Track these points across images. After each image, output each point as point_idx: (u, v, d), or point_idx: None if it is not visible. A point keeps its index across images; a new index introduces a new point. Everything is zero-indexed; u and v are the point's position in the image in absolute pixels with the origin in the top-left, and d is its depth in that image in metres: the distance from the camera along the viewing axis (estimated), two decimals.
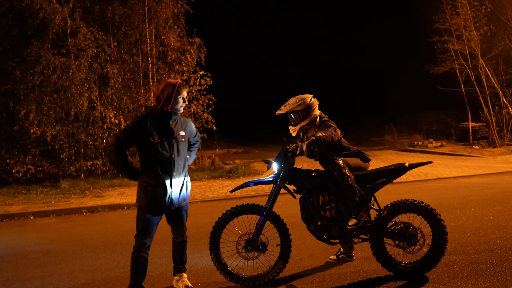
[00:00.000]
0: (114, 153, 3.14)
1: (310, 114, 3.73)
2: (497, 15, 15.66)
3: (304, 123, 3.75)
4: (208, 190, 9.06)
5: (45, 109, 10.90)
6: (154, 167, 3.24)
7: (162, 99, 3.25)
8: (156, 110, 3.28)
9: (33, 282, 4.09)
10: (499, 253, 4.09)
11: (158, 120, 3.27)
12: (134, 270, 3.29)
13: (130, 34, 12.38)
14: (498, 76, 16.51)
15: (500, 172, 9.72)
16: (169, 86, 3.26)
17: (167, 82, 3.29)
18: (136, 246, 3.30)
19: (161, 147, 3.23)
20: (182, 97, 3.32)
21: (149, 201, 3.25)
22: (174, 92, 3.25)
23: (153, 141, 3.20)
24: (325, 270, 3.93)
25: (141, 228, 3.29)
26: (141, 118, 3.23)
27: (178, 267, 3.60)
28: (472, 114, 16.62)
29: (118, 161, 3.16)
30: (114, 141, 3.16)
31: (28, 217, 7.52)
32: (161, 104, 3.25)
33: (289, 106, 3.73)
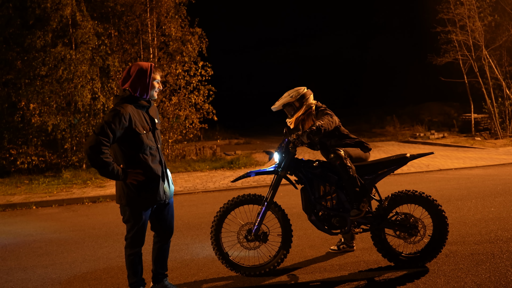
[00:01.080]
0: (99, 153, 2.75)
1: (303, 104, 3.78)
2: (502, 5, 15.48)
3: (299, 113, 3.79)
4: (209, 181, 9.08)
5: (46, 99, 10.89)
6: (143, 161, 2.95)
7: (138, 86, 2.95)
8: (132, 98, 2.97)
9: (35, 271, 4.12)
10: (499, 244, 4.09)
11: (137, 108, 2.99)
12: (133, 271, 3.09)
13: (131, 24, 12.30)
14: (501, 67, 16.38)
15: (502, 163, 9.70)
16: (143, 71, 2.96)
17: (140, 66, 2.97)
18: (131, 248, 3.06)
19: (147, 138, 2.98)
20: (157, 81, 3.07)
21: (142, 199, 2.98)
22: (150, 77, 2.99)
23: (139, 132, 2.91)
24: (326, 260, 3.95)
25: (137, 231, 3.03)
26: (123, 110, 2.88)
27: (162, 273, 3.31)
28: (475, 105, 16.54)
29: (103, 161, 2.77)
30: (99, 141, 2.75)
31: (31, 207, 7.56)
32: (139, 91, 2.96)
33: (282, 99, 3.82)
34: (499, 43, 15.81)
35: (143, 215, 3.04)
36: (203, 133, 16.82)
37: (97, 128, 2.81)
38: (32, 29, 11.08)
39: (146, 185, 2.98)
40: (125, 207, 3.02)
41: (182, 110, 12.42)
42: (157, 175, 3.03)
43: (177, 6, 12.71)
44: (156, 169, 3.03)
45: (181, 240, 4.84)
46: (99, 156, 2.76)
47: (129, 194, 2.97)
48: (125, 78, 2.99)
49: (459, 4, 15.41)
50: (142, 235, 3.09)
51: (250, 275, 3.64)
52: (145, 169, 2.97)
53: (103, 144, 2.77)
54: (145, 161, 2.97)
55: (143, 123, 2.99)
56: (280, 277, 3.61)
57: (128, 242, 3.09)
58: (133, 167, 2.94)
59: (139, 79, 2.96)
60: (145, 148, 2.97)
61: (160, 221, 3.21)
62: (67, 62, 10.77)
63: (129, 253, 3.09)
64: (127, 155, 2.96)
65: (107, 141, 2.79)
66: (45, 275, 3.99)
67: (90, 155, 2.77)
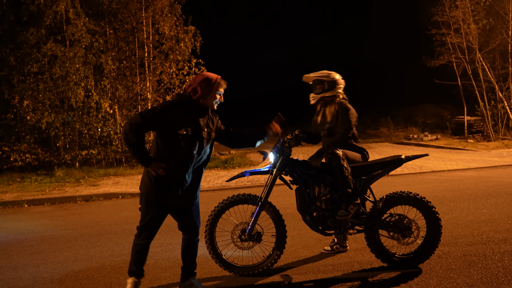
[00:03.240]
0: (134, 131, 2.88)
1: (334, 88, 3.86)
2: (496, 8, 15.63)
3: (327, 94, 3.86)
4: (203, 180, 9.06)
5: (39, 96, 10.80)
6: (170, 158, 3.01)
7: (199, 91, 3.03)
8: (189, 100, 3.06)
9: (27, 269, 4.08)
10: (491, 245, 4.13)
11: (189, 111, 3.04)
12: (136, 260, 3.14)
13: (126, 22, 12.24)
14: (494, 70, 16.54)
15: (494, 166, 9.78)
16: (208, 80, 3.06)
17: (206, 75, 3.09)
18: (140, 239, 3.12)
19: (183, 140, 3.00)
20: (219, 93, 3.13)
21: (158, 193, 3.03)
22: (213, 86, 3.06)
23: (178, 132, 2.97)
24: (320, 260, 3.95)
25: (147, 222, 3.10)
26: (172, 104, 3.02)
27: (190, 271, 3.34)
28: (468, 108, 16.68)
29: (136, 140, 2.90)
30: (138, 118, 2.90)
31: (23, 205, 7.48)
32: (197, 96, 3.04)
33: (317, 74, 3.89)
34: (492, 46, 15.96)
35: (154, 209, 3.09)
36: None
37: (145, 110, 3.00)
38: (26, 25, 10.99)
39: (163, 181, 3.03)
40: (142, 194, 3.12)
41: None
42: (175, 176, 3.04)
43: (172, 4, 12.68)
44: (179, 171, 3.04)
45: (174, 239, 4.82)
46: (131, 132, 2.89)
47: (148, 184, 3.05)
48: (189, 85, 3.10)
49: (454, 7, 15.53)
50: (150, 228, 3.13)
51: (243, 275, 3.63)
52: (168, 167, 3.01)
53: (140, 123, 2.89)
54: (170, 160, 3.01)
55: (189, 125, 3.02)
56: (274, 277, 3.61)
57: (138, 231, 3.15)
58: (157, 159, 3.02)
59: (201, 86, 3.04)
60: (175, 147, 3.00)
61: (183, 219, 3.26)
62: (60, 59, 10.69)
63: (135, 243, 3.14)
64: (159, 147, 3.03)
65: (143, 122, 2.90)
66: (36, 274, 3.95)
67: (125, 128, 2.93)
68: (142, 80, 12.50)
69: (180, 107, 3.02)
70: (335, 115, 3.82)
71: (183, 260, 3.34)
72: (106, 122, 11.55)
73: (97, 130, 11.50)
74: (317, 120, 4.02)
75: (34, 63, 10.75)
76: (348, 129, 3.73)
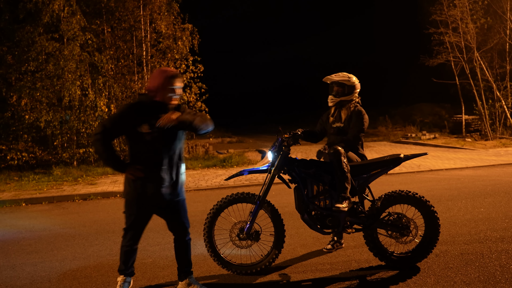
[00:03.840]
0: (100, 142, 2.93)
1: (353, 93, 3.97)
2: (494, 8, 15.65)
3: (345, 98, 3.96)
4: (201, 179, 9.06)
5: (37, 95, 10.76)
6: (142, 159, 3.03)
7: (153, 88, 3.05)
8: (147, 99, 3.09)
9: (24, 268, 4.07)
10: (488, 244, 4.14)
11: (148, 110, 3.04)
12: (124, 260, 3.20)
13: (124, 20, 12.19)
14: (492, 70, 16.57)
15: (491, 164, 9.81)
16: (160, 75, 3.05)
17: (159, 70, 3.09)
18: (126, 241, 3.17)
19: (150, 138, 2.99)
20: (174, 87, 3.09)
21: (137, 195, 3.05)
22: (166, 82, 3.04)
23: (141, 131, 2.97)
24: (318, 259, 3.96)
25: (131, 224, 3.14)
26: (130, 106, 3.05)
27: (186, 270, 3.36)
28: (466, 107, 16.70)
29: (104, 151, 2.95)
30: (100, 129, 2.95)
31: (20, 204, 7.46)
32: (153, 93, 3.06)
33: (340, 77, 3.97)
34: (490, 45, 15.97)
35: (136, 211, 3.10)
36: None
37: (106, 119, 3.04)
38: (23, 23, 10.93)
39: (140, 183, 3.03)
40: (125, 199, 3.15)
41: None
42: (151, 175, 3.03)
43: (170, 2, 12.64)
44: (152, 169, 3.04)
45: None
46: (98, 143, 2.94)
47: (126, 187, 3.10)
48: (148, 81, 3.14)
49: (452, 6, 15.54)
50: (134, 231, 3.16)
51: (242, 273, 3.63)
52: (144, 167, 3.02)
53: (103, 133, 2.93)
54: (143, 159, 3.03)
55: (150, 123, 2.99)
56: (272, 276, 3.61)
57: (124, 234, 3.19)
58: (133, 162, 3.05)
59: (155, 83, 3.04)
60: (144, 146, 3.00)
61: (170, 220, 3.29)
62: (56, 57, 10.65)
63: (122, 244, 3.19)
64: (130, 149, 3.08)
65: (107, 131, 2.95)
66: (34, 273, 3.94)
67: (92, 141, 3.13)
68: (140, 79, 12.47)
69: (138, 107, 3.04)
70: (348, 117, 3.93)
71: (177, 260, 3.35)
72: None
73: (94, 128, 11.46)
74: (330, 119, 4.09)
75: (31, 61, 10.71)
76: (360, 131, 3.87)
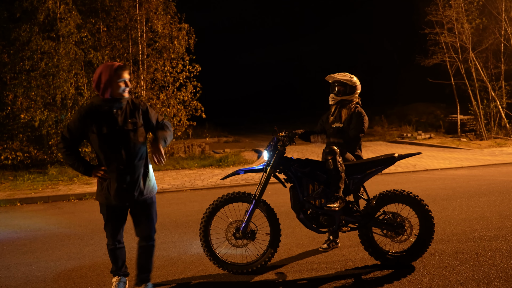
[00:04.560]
0: (63, 151, 3.02)
1: (354, 93, 4.02)
2: (489, 8, 15.75)
3: (346, 98, 4.01)
4: (198, 179, 9.05)
5: (32, 94, 10.70)
6: (102, 160, 3.01)
7: (101, 85, 2.90)
8: (97, 99, 2.97)
9: (19, 268, 4.05)
10: (483, 243, 4.17)
11: (100, 110, 2.95)
12: (113, 260, 3.27)
13: (120, 19, 12.14)
14: (487, 70, 16.68)
15: (486, 164, 9.87)
16: (106, 70, 2.90)
17: (104, 66, 2.93)
18: (108, 240, 3.25)
19: (104, 138, 2.93)
20: (123, 80, 2.93)
21: (104, 196, 3.08)
22: (113, 75, 2.89)
23: (94, 133, 2.93)
24: (313, 258, 3.97)
25: (105, 225, 3.23)
26: (80, 111, 2.98)
27: (142, 275, 3.29)
28: (461, 106, 16.80)
29: (68, 159, 3.02)
30: (60, 139, 3.04)
31: (15, 204, 7.42)
32: (101, 91, 2.91)
33: (343, 76, 4.02)
34: (485, 46, 16.08)
35: (106, 212, 3.16)
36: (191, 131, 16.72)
37: (64, 128, 3.07)
38: (19, 22, 10.87)
39: (106, 185, 3.05)
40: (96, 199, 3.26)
41: (170, 107, 12.33)
42: (111, 174, 3.01)
43: (167, 1, 12.61)
44: (112, 170, 3.00)
45: (168, 238, 4.81)
46: (61, 151, 3.04)
47: (97, 189, 3.15)
48: (94, 79, 2.97)
49: (448, 7, 15.62)
50: (111, 231, 3.21)
51: (237, 273, 3.64)
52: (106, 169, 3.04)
53: (63, 142, 3.01)
54: (102, 160, 3.04)
55: (101, 123, 2.94)
56: (268, 275, 3.62)
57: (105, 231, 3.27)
58: (99, 164, 3.07)
59: (101, 79, 2.91)
60: (102, 147, 2.97)
61: (134, 221, 3.25)
62: (50, 55, 10.60)
63: (107, 243, 3.28)
64: (96, 153, 3.09)
65: (65, 138, 3.01)
66: (29, 273, 3.92)
67: (58, 151, 3.01)
68: (136, 78, 12.44)
69: (90, 110, 2.96)
70: (349, 118, 3.95)
71: (136, 265, 3.28)
72: None
73: None
74: (329, 119, 4.11)
75: (26, 60, 10.66)
76: (360, 131, 3.90)
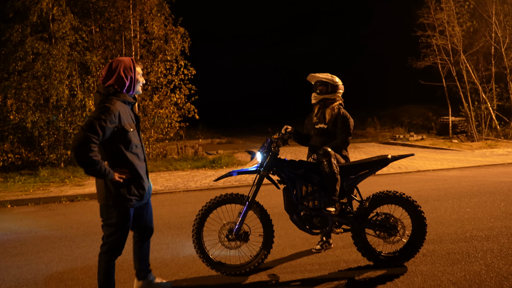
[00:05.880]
0: (92, 153, 2.60)
1: (336, 92, 4.05)
2: (479, 11, 15.94)
3: (328, 96, 4.04)
4: (191, 180, 9.02)
5: (23, 95, 10.61)
6: (129, 159, 2.85)
7: (126, 81, 2.83)
8: (118, 94, 2.84)
9: (9, 271, 4.00)
10: (474, 243, 4.21)
11: (125, 106, 2.88)
12: (107, 277, 2.89)
13: (113, 20, 12.09)
14: (478, 72, 16.86)
15: (477, 165, 9.96)
16: (126, 66, 2.84)
17: (122, 61, 2.86)
18: (110, 254, 2.89)
19: (134, 136, 2.88)
20: (140, 75, 2.97)
21: (131, 198, 2.88)
22: (135, 71, 2.87)
23: (127, 130, 2.81)
24: (307, 260, 3.97)
25: (123, 233, 2.89)
26: (113, 107, 2.75)
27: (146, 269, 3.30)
28: (453, 108, 16.97)
29: (96, 162, 2.63)
30: (88, 138, 2.60)
31: (5, 206, 7.34)
32: (126, 88, 2.84)
33: (322, 75, 4.06)
34: (476, 48, 16.26)
35: (130, 215, 2.94)
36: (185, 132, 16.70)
37: (86, 125, 2.63)
38: (11, 23, 10.78)
39: (133, 184, 2.89)
40: (112, 208, 2.85)
41: (163, 109, 12.29)
42: (142, 173, 2.97)
43: (161, 3, 12.57)
44: (142, 167, 2.98)
45: (161, 239, 4.78)
46: (87, 154, 2.59)
47: (118, 193, 2.84)
48: (107, 75, 2.84)
49: (439, 10, 15.79)
50: (124, 240, 2.94)
51: (231, 274, 3.63)
52: (131, 168, 2.87)
53: (92, 142, 2.62)
54: (131, 160, 2.87)
55: (130, 120, 2.89)
56: (261, 276, 3.62)
57: (107, 246, 2.89)
58: (118, 165, 2.83)
59: (125, 74, 2.84)
60: (132, 146, 2.88)
61: (141, 220, 3.17)
62: (43, 57, 10.52)
63: (107, 259, 2.89)
64: (113, 153, 2.83)
65: (96, 139, 2.64)
66: (19, 275, 3.88)
67: (77, 153, 2.58)
68: None
69: (118, 105, 2.80)
70: (333, 119, 3.97)
71: (138, 261, 3.26)
72: None
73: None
74: (313, 119, 4.14)
75: (19, 60, 10.57)
76: (348, 135, 3.94)
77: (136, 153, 2.92)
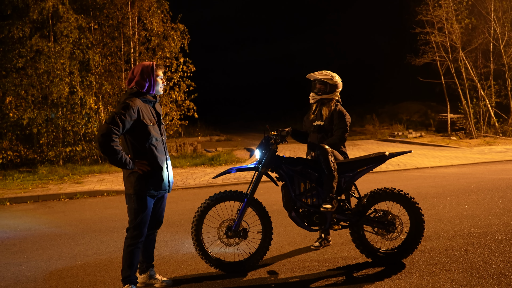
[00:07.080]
0: (114, 143, 2.99)
1: (334, 92, 4.02)
2: (478, 8, 15.92)
3: (326, 96, 4.02)
4: (190, 177, 9.03)
5: (22, 92, 10.58)
6: (150, 151, 3.19)
7: (145, 83, 3.23)
8: (139, 93, 3.24)
9: (9, 268, 4.01)
10: (472, 240, 4.23)
11: (145, 104, 3.26)
12: (129, 263, 3.20)
13: (112, 17, 12.04)
14: (477, 69, 16.85)
15: (476, 162, 9.99)
16: (147, 69, 3.25)
17: (143, 65, 3.27)
18: (133, 238, 3.19)
19: (154, 130, 3.23)
20: (160, 77, 3.34)
21: (149, 188, 3.18)
22: (154, 73, 3.26)
23: (147, 124, 3.16)
24: (305, 257, 3.99)
25: (142, 219, 3.18)
26: (132, 103, 3.13)
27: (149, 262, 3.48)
28: (451, 105, 16.97)
29: (117, 151, 3.00)
30: (110, 129, 2.98)
31: (4, 203, 7.34)
32: (146, 88, 3.24)
33: (324, 75, 4.02)
34: (475, 45, 16.24)
35: (148, 204, 3.21)
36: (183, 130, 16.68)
37: (109, 118, 3.05)
38: (10, 19, 10.73)
39: (152, 174, 3.18)
40: (132, 195, 3.18)
41: (162, 107, 12.28)
42: (162, 164, 3.25)
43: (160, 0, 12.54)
44: (161, 158, 3.26)
45: (160, 237, 4.79)
46: (109, 144, 2.98)
47: (137, 183, 3.15)
48: (130, 79, 3.27)
49: (438, 6, 15.75)
50: (145, 226, 3.22)
51: (229, 271, 3.64)
52: (151, 159, 3.19)
53: (114, 133, 3.00)
54: (151, 151, 3.20)
55: (150, 116, 3.24)
56: (260, 273, 3.63)
57: (130, 232, 3.22)
58: (139, 157, 3.17)
59: (144, 77, 3.23)
60: (151, 139, 3.20)
61: (154, 212, 3.36)
62: (45, 54, 10.50)
63: (129, 243, 3.20)
64: (134, 145, 3.18)
65: (117, 130, 3.02)
66: (19, 273, 3.88)
67: (101, 143, 2.98)
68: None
69: (137, 102, 3.18)
70: (330, 116, 3.97)
71: (142, 253, 3.40)
72: (91, 119, 11.38)
73: (81, 126, 11.31)
74: (310, 116, 4.14)
75: (19, 58, 10.54)
76: (344, 131, 3.94)
77: (155, 145, 3.23)
